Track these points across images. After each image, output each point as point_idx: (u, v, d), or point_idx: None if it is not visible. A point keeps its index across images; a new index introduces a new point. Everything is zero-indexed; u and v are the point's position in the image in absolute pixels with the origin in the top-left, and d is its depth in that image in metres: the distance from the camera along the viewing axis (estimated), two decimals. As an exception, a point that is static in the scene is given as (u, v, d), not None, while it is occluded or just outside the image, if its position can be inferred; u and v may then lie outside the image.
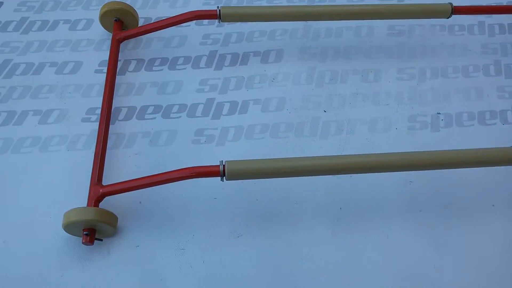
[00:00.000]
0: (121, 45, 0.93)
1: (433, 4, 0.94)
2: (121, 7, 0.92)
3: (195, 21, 0.99)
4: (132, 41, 0.98)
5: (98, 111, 0.87)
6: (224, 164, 0.70)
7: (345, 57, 0.99)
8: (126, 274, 0.72)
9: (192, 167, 0.71)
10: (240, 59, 0.97)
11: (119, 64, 0.93)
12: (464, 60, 1.00)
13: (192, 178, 0.71)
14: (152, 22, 0.99)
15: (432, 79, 0.96)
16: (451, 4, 0.93)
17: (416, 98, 0.94)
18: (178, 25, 0.97)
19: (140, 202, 0.78)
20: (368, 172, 0.78)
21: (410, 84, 0.96)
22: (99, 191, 0.73)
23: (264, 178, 0.74)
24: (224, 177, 0.70)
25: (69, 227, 0.70)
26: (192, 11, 0.90)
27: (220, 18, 0.88)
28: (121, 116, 0.88)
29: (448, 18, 0.94)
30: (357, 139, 0.88)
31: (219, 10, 0.88)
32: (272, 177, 0.75)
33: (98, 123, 0.82)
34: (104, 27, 0.96)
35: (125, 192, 0.73)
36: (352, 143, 0.87)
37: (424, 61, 0.99)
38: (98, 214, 0.69)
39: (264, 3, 1.07)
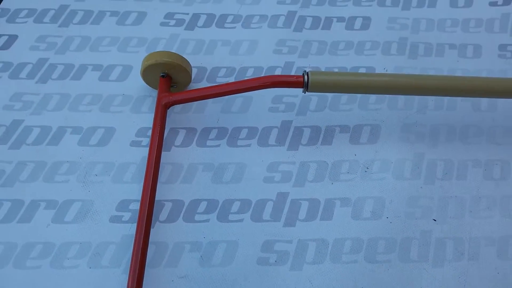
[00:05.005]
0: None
1: None
2: (172, 61, 0.69)
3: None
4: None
5: (133, 206, 0.65)
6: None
7: (462, 141, 0.74)
8: None
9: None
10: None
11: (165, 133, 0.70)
12: None
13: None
14: (209, 85, 0.74)
15: None
16: None
17: None
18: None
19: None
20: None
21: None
22: None
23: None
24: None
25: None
26: (270, 77, 0.66)
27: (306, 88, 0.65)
28: (162, 217, 0.65)
29: None
30: (483, 267, 0.64)
31: (307, 75, 0.65)
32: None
33: (135, 225, 0.60)
34: (146, 82, 0.73)
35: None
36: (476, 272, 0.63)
37: None
38: None
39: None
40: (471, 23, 0.87)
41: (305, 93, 0.66)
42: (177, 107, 0.74)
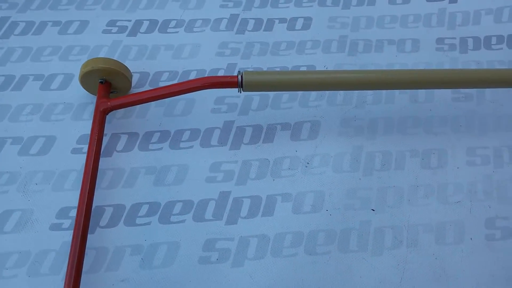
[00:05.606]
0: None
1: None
2: (109, 67, 0.69)
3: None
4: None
5: (74, 213, 0.65)
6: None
7: (400, 132, 0.76)
8: None
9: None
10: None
11: (105, 140, 0.71)
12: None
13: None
14: (149, 89, 0.77)
15: (515, 166, 0.74)
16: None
17: (494, 194, 0.71)
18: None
19: None
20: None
21: (484, 171, 0.74)
22: None
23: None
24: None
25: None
26: (205, 78, 0.67)
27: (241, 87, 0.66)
28: (103, 222, 0.66)
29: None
30: (421, 253, 0.66)
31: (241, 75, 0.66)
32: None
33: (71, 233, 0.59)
34: (86, 89, 0.73)
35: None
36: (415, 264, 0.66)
37: (499, 138, 0.76)
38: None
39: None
40: (410, 19, 0.90)
41: (240, 92, 0.67)
42: (119, 113, 0.74)
